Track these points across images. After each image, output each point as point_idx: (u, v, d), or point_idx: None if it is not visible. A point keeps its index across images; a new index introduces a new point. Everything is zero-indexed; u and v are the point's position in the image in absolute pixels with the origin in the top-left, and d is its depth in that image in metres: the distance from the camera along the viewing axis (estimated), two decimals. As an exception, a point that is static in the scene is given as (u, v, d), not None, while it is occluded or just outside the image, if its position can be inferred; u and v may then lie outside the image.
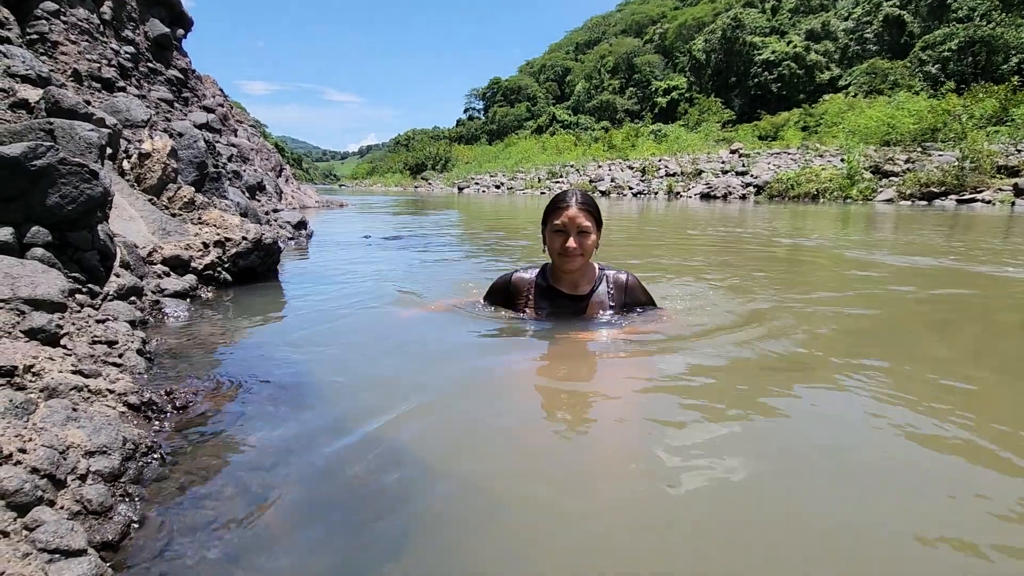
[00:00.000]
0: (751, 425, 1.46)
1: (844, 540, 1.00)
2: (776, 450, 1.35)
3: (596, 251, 2.28)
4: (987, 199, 15.03)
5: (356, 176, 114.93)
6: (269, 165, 10.94)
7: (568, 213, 2.13)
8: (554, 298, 2.35)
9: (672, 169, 27.49)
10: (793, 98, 50.37)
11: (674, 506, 1.10)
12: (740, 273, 3.92)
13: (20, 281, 1.61)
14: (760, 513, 1.08)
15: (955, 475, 1.24)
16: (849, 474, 1.24)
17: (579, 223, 2.13)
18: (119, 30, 5.51)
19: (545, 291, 2.37)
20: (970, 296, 3.40)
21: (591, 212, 2.18)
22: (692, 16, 72.69)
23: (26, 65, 3.44)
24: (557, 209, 2.18)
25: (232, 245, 3.34)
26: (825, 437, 1.43)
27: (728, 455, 1.29)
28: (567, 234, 2.14)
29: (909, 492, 1.17)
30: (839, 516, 1.07)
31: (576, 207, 2.14)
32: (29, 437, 0.98)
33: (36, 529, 0.80)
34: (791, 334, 2.31)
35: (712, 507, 1.10)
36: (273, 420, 1.48)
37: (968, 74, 38.05)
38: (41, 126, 2.37)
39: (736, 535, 1.02)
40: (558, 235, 2.17)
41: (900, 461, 1.30)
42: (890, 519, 1.06)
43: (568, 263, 2.19)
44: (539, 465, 1.27)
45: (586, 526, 1.04)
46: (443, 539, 1.02)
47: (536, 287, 2.39)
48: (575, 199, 2.17)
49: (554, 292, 2.35)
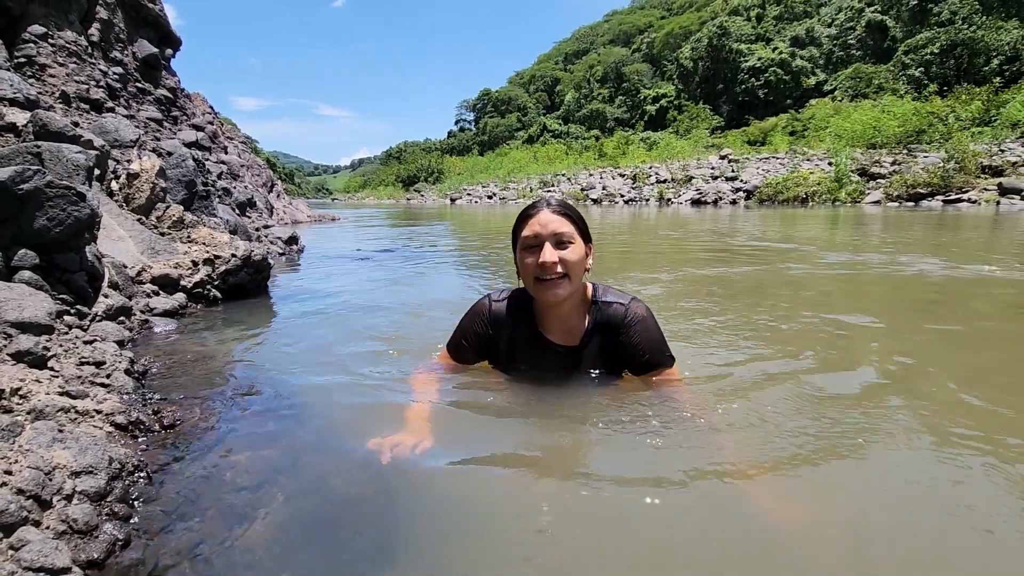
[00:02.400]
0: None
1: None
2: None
3: (588, 274, 1.68)
4: (973, 199, 15.24)
5: (349, 189, 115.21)
6: (260, 181, 10.96)
7: (539, 219, 1.58)
8: (539, 352, 1.73)
9: (663, 176, 27.73)
10: (780, 103, 50.98)
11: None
12: (754, 303, 3.56)
13: (7, 305, 1.62)
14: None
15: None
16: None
17: (554, 229, 1.56)
18: (107, 51, 5.54)
19: (527, 340, 1.74)
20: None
21: (570, 217, 1.61)
22: (679, 25, 73.61)
23: (13, 88, 3.47)
24: (525, 219, 1.63)
25: (221, 263, 3.36)
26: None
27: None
28: (540, 247, 1.57)
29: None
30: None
31: (548, 211, 1.59)
32: (15, 459, 0.99)
33: (21, 548, 0.82)
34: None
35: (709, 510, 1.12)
36: (260, 438, 1.49)
37: (951, 76, 38.66)
38: (29, 149, 2.39)
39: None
40: (530, 253, 1.59)
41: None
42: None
43: (549, 290, 1.57)
44: (527, 477, 1.29)
45: (570, 542, 1.07)
46: (428, 554, 1.04)
47: (514, 333, 1.75)
48: (545, 203, 1.63)
49: (540, 343, 1.73)
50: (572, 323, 1.70)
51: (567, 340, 1.71)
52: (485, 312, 1.77)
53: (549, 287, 1.57)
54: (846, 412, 1.61)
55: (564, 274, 1.56)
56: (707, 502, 1.16)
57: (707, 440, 1.43)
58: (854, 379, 1.94)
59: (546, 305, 1.66)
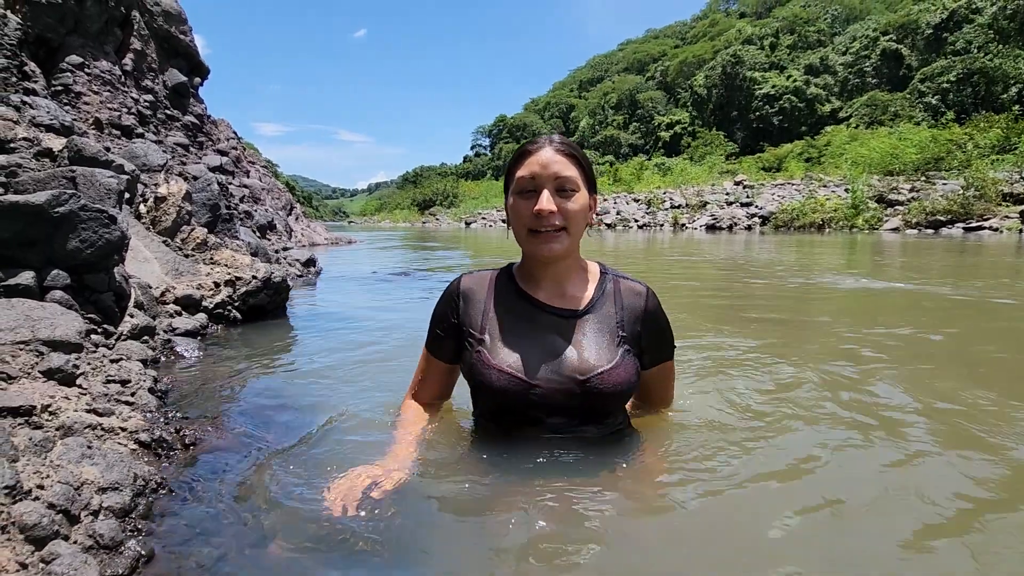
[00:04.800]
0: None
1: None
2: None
3: (590, 231, 1.45)
4: (994, 226, 15.04)
5: (365, 212, 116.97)
6: (280, 204, 11.20)
7: (539, 158, 1.31)
8: (527, 315, 1.39)
9: (677, 201, 27.78)
10: (795, 130, 51.14)
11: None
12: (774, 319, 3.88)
13: (40, 323, 1.68)
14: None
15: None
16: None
17: (556, 171, 1.29)
18: (139, 80, 5.77)
19: (509, 297, 1.43)
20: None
21: (576, 159, 1.34)
22: (692, 54, 74.63)
23: (50, 115, 3.62)
24: (522, 156, 1.35)
25: (242, 284, 3.43)
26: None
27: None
28: (538, 191, 1.30)
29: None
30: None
31: (550, 148, 1.32)
32: (46, 474, 1.02)
33: (52, 562, 0.84)
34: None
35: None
36: (279, 458, 1.51)
37: (968, 104, 38.56)
38: (64, 174, 2.49)
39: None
40: (525, 198, 1.32)
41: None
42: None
43: (544, 244, 1.31)
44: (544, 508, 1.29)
45: (572, 559, 1.06)
46: (446, 570, 1.04)
47: (496, 297, 1.44)
48: (548, 140, 1.35)
49: (529, 303, 1.40)
50: (569, 286, 1.41)
51: (558, 301, 1.40)
52: (455, 289, 1.48)
53: (543, 240, 1.31)
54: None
55: (562, 227, 1.31)
56: (709, 514, 1.15)
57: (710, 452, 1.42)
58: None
59: (535, 260, 1.37)
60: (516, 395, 1.34)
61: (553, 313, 1.38)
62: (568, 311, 1.39)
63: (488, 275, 1.48)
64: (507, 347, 1.37)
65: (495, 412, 1.43)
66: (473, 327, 1.41)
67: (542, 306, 1.39)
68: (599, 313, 1.39)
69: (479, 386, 1.39)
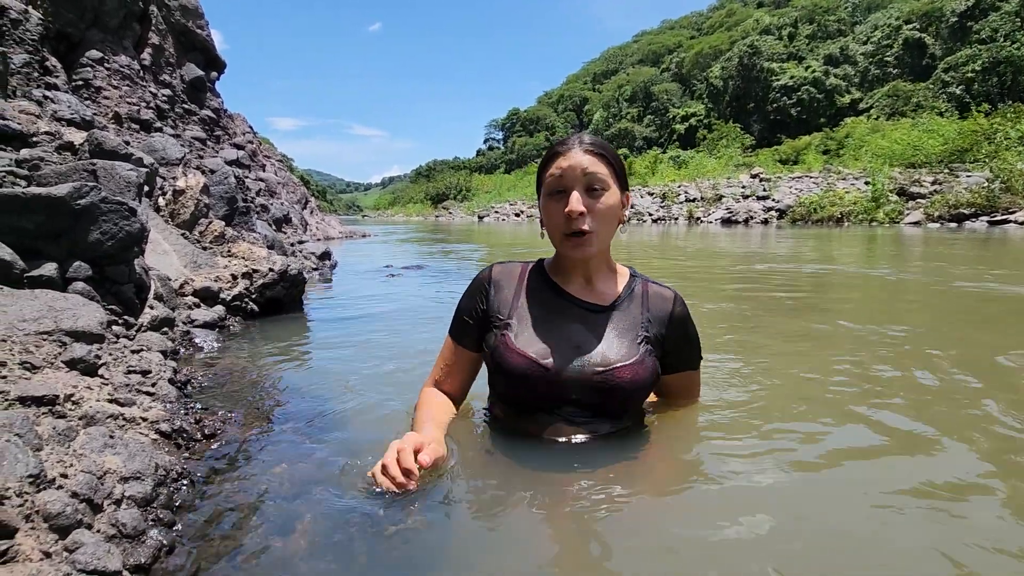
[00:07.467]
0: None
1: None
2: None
3: (623, 231, 1.48)
4: (1020, 220, 14.66)
5: (379, 206, 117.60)
6: (295, 198, 11.27)
7: (570, 158, 1.33)
8: (557, 307, 1.42)
9: (692, 194, 27.48)
10: (813, 122, 50.28)
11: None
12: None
13: (63, 314, 1.69)
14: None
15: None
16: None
17: (586, 170, 1.31)
18: (158, 74, 5.82)
19: (540, 287, 1.46)
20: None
21: (606, 157, 1.35)
22: (709, 45, 73.59)
23: (71, 110, 3.66)
24: (553, 157, 1.37)
25: (259, 276, 3.45)
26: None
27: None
28: (568, 191, 1.32)
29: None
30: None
31: (581, 149, 1.34)
32: (70, 463, 1.03)
33: (76, 551, 0.84)
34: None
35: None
36: (297, 450, 1.51)
37: (994, 94, 37.57)
38: (85, 167, 2.52)
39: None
40: (555, 200, 1.35)
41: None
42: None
43: (575, 247, 1.34)
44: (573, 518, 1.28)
45: (580, 561, 1.05)
46: (464, 567, 1.03)
47: (527, 282, 1.48)
48: (577, 140, 1.37)
49: (559, 295, 1.44)
50: (599, 283, 1.45)
51: (588, 296, 1.44)
52: (486, 276, 1.51)
53: (575, 244, 1.34)
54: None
55: (591, 230, 1.32)
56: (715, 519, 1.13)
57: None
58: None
59: (567, 259, 1.42)
60: (534, 380, 1.36)
61: (580, 306, 1.42)
62: (595, 305, 1.43)
63: (520, 265, 1.53)
64: (531, 334, 1.39)
65: (511, 397, 1.46)
66: (500, 313, 1.45)
67: (571, 298, 1.43)
68: (625, 311, 1.43)
69: (498, 368, 1.42)
